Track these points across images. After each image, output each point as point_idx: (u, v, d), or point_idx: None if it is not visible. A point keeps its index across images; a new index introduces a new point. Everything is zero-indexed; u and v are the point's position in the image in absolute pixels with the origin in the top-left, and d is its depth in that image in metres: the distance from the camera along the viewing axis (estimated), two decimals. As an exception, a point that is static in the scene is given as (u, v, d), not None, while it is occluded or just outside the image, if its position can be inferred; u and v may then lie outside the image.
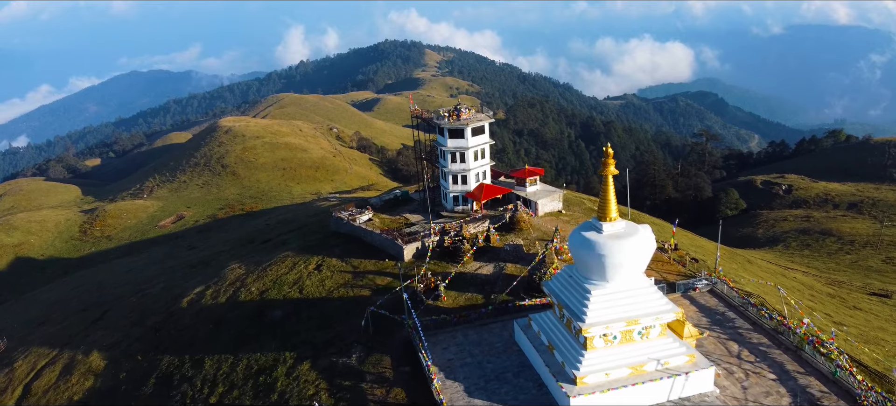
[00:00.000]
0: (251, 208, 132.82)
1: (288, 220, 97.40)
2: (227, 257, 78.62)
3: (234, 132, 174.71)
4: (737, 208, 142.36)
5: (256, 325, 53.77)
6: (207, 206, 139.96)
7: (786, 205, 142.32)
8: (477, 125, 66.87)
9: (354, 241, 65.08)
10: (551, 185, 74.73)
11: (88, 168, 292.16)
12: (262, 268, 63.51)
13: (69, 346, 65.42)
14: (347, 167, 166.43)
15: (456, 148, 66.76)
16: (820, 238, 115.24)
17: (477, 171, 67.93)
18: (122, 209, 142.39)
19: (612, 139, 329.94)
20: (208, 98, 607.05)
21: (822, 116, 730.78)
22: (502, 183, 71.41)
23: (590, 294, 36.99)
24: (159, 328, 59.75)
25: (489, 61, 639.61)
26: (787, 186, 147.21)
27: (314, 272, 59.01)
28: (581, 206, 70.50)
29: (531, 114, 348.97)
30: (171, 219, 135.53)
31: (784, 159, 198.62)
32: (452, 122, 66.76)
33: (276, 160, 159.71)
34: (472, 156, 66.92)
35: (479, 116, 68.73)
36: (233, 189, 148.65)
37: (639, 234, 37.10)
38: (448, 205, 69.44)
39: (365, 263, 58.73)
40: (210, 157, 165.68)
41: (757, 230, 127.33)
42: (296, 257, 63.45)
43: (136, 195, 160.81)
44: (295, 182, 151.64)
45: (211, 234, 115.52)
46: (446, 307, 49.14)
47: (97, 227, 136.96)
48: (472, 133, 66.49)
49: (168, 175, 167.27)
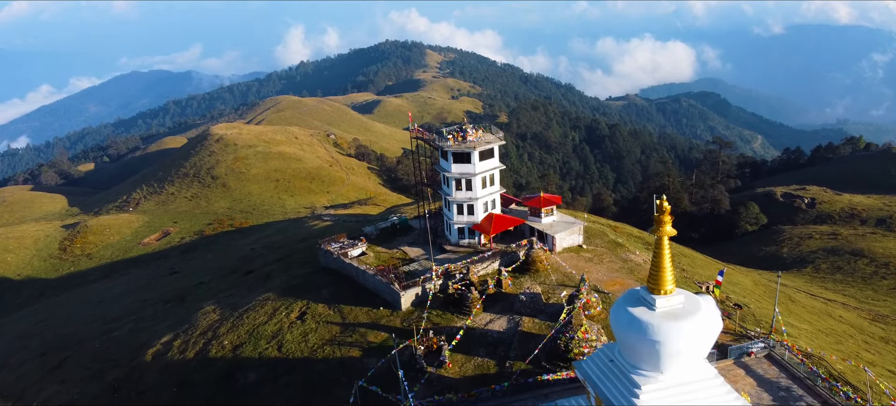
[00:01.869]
0: (241, 224, 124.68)
1: (276, 244, 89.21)
2: (205, 292, 70.47)
3: (226, 141, 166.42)
4: (757, 223, 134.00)
5: (226, 391, 45.57)
6: (195, 220, 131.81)
7: (809, 220, 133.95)
8: (485, 148, 58.59)
9: (345, 281, 56.89)
10: (569, 213, 66.27)
11: (81, 173, 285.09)
12: (238, 313, 55.28)
13: (22, 400, 57.36)
14: (344, 177, 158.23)
15: (461, 174, 58.50)
16: (851, 259, 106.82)
17: (485, 200, 59.67)
18: (104, 225, 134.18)
19: (617, 143, 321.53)
20: (207, 99, 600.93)
21: (824, 116, 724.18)
22: (514, 212, 63.13)
23: (639, 389, 28.61)
24: (119, 387, 51.52)
25: (490, 62, 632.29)
26: (810, 200, 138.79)
27: (297, 323, 50.77)
28: (603, 239, 62.12)
29: (534, 117, 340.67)
30: (156, 235, 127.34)
31: (800, 168, 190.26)
32: (457, 144, 58.54)
33: (269, 171, 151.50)
34: (479, 183, 58.65)
35: (487, 138, 60.48)
36: (222, 202, 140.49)
37: (702, 311, 28.71)
38: (452, 237, 61.19)
39: (356, 312, 50.50)
40: (200, 167, 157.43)
41: (781, 249, 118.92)
42: (277, 301, 55.24)
43: (121, 208, 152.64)
44: (288, 194, 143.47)
45: (195, 256, 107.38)
46: (452, 376, 40.90)
47: (77, 244, 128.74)
48: (479, 157, 58.20)
49: (156, 186, 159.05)
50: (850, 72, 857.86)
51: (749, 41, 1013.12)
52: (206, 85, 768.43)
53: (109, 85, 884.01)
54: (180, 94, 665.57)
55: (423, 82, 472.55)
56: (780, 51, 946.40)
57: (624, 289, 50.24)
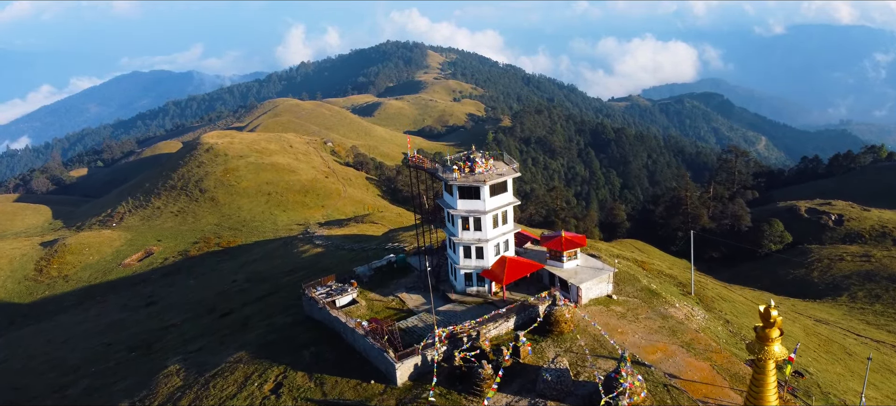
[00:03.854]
0: (228, 243, 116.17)
1: (260, 274, 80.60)
2: (175, 340, 61.95)
3: (216, 151, 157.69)
4: (782, 242, 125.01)
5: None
6: (180, 238, 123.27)
7: (837, 238, 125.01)
8: (497, 182, 49.81)
9: (330, 339, 48.24)
10: (595, 256, 57.20)
11: (73, 179, 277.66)
12: (204, 379, 46.58)
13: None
14: (341, 190, 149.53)
15: (469, 212, 49.78)
16: (889, 286, 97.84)
17: (497, 242, 50.93)
18: (84, 243, 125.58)
19: (623, 147, 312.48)
20: (207, 100, 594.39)
21: (827, 117, 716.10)
22: (530, 254, 54.31)
23: None
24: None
25: (492, 62, 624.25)
26: (837, 216, 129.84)
27: (270, 398, 42.06)
28: (634, 286, 53.24)
29: (538, 121, 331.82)
30: (138, 255, 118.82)
31: (819, 178, 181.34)
32: (464, 177, 49.80)
33: (260, 184, 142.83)
34: (490, 222, 49.90)
35: (499, 168, 51.75)
36: (210, 218, 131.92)
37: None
38: (458, 285, 52.43)
39: (342, 386, 41.78)
40: (188, 179, 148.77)
41: (811, 272, 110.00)
42: (250, 365, 46.56)
43: (104, 223, 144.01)
44: (280, 209, 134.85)
45: (177, 281, 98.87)
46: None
47: (54, 265, 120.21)
48: (490, 192, 49.46)
49: (141, 199, 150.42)
50: (853, 72, 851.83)
51: (750, 41, 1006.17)
52: (207, 85, 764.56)
53: (110, 85, 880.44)
54: (181, 95, 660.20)
55: (424, 84, 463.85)
56: (782, 50, 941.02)
57: (668, 357, 41.54)
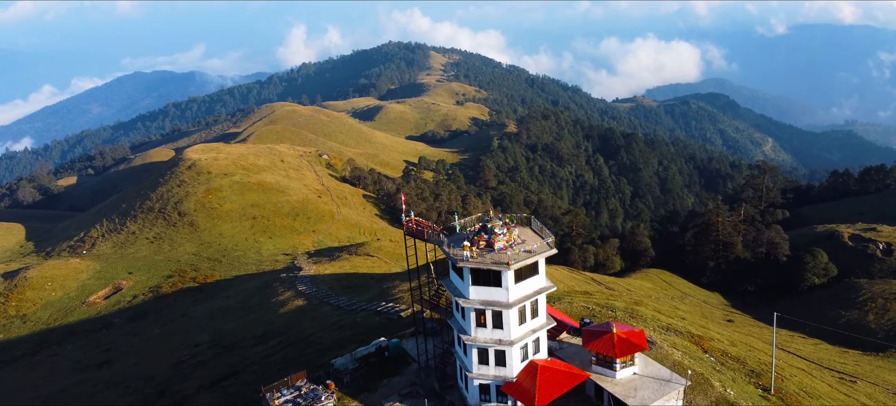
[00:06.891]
0: (205, 279, 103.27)
1: (228, 339, 67.41)
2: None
3: (199, 168, 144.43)
4: (826, 275, 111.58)
5: None
6: (153, 271, 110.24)
7: (888, 271, 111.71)
8: (525, 263, 36.39)
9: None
10: (657, 358, 43.21)
11: (61, 188, 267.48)
12: None
13: None
14: (334, 211, 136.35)
15: (486, 303, 36.48)
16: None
17: (525, 343, 37.56)
18: (47, 277, 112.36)
19: (632, 154, 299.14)
20: (207, 102, 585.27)
21: (832, 117, 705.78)
22: (569, 352, 40.91)
23: None
24: None
25: (495, 63, 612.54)
26: (886, 245, 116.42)
27: None
28: (707, 395, 39.86)
29: (545, 126, 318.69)
30: (105, 292, 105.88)
31: (851, 194, 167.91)
32: (479, 254, 36.48)
33: (245, 206, 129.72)
34: (515, 317, 36.58)
35: (526, 238, 38.36)
36: (188, 246, 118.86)
37: None
38: (470, 398, 39.08)
39: None
40: (167, 200, 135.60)
41: (865, 314, 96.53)
42: None
43: (74, 249, 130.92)
44: (266, 235, 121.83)
45: (141, 330, 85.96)
46: None
47: (12, 302, 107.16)
48: (515, 277, 36.12)
49: (117, 221, 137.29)
50: (857, 71, 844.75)
51: (753, 41, 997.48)
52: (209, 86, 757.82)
53: (112, 85, 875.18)
54: (183, 96, 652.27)
55: (426, 86, 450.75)
56: (785, 50, 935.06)
57: None
